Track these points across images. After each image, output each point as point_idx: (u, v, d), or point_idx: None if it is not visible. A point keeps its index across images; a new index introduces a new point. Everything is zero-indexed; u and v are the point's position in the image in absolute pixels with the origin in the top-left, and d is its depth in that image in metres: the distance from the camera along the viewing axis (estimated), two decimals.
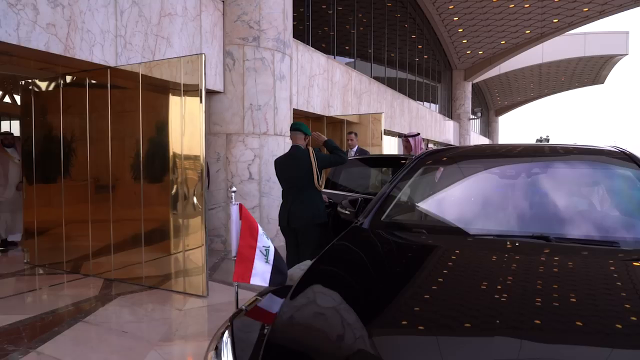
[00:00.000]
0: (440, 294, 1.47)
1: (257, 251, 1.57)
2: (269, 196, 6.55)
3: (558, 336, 1.19)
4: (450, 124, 24.39)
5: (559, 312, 1.28)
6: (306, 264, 1.78)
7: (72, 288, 4.49)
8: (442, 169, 2.65)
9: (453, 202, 2.32)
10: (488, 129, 43.65)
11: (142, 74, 4.53)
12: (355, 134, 6.58)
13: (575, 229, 1.94)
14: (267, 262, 1.58)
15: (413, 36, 19.30)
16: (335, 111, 9.99)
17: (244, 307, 1.57)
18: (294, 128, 3.81)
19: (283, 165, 3.77)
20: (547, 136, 32.83)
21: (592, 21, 20.54)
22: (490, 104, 42.67)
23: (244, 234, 1.60)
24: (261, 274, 1.56)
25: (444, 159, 2.73)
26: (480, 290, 1.44)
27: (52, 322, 3.48)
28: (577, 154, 2.42)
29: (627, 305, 1.32)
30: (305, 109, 8.68)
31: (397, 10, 17.15)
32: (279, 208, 3.87)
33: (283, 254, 4.30)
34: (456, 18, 20.13)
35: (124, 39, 4.79)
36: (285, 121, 6.84)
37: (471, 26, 20.93)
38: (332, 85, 10.02)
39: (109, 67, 4.66)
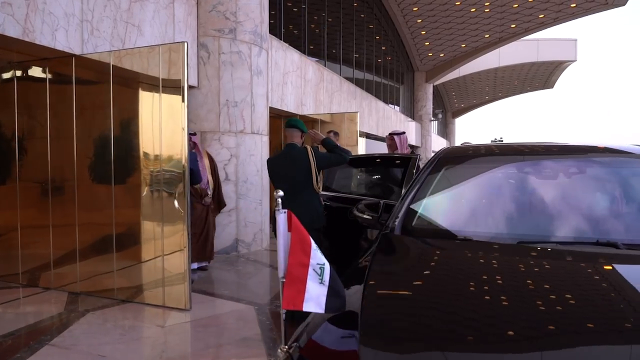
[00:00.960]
0: (521, 310, 1.24)
1: (310, 270, 1.28)
2: (246, 198, 6.18)
3: None
4: (412, 125, 24.67)
5: None
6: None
7: (31, 304, 3.97)
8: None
9: (492, 205, 2.10)
10: (446, 130, 44.76)
11: (113, 65, 4.07)
12: (336, 133, 6.32)
13: None
14: (321, 283, 1.28)
15: (377, 37, 19.32)
16: (308, 110, 9.71)
17: (295, 345, 1.26)
18: (290, 125, 3.51)
19: (278, 166, 3.46)
20: (501, 138, 34.00)
21: (546, 27, 21.37)
22: (448, 106, 43.76)
23: (294, 250, 1.30)
24: (315, 297, 1.27)
25: (469, 158, 2.52)
26: (568, 305, 1.24)
27: (12, 348, 3.00)
28: (615, 153, 2.27)
29: None
30: (279, 107, 8.34)
31: (363, 10, 17.08)
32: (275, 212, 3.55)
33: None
34: (419, 20, 20.34)
35: (90, 24, 4.30)
36: (263, 119, 6.49)
37: (434, 29, 21.24)
38: (305, 83, 9.73)
39: (74, 55, 4.16)
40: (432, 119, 28.10)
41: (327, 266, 1.32)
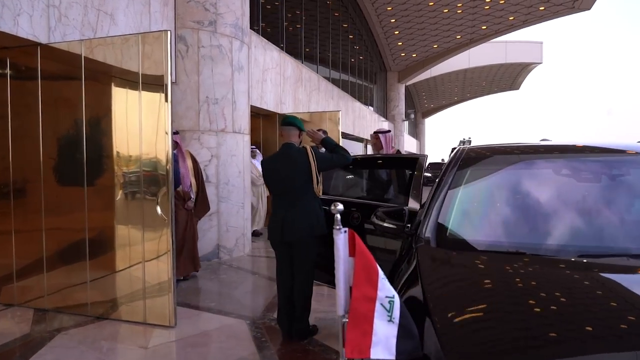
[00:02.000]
0: (603, 326, 1.16)
1: (377, 305, 1.00)
2: (228, 201, 5.83)
3: None
4: (386, 125, 24.70)
5: None
6: None
7: None
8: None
9: (535, 214, 1.88)
10: (416, 130, 45.24)
11: (84, 56, 3.66)
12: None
13: None
14: (391, 321, 1.01)
15: (351, 36, 19.18)
16: (287, 109, 9.40)
17: None
18: (287, 122, 3.21)
19: (274, 167, 3.15)
20: (469, 138, 34.66)
21: (516, 29, 21.80)
22: (418, 106, 44.23)
23: (358, 280, 1.02)
24: (384, 340, 0.99)
25: (496, 160, 2.30)
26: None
27: None
28: None
29: None
30: (258, 105, 8.00)
31: (338, 9, 16.88)
32: (270, 218, 3.24)
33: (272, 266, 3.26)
34: (393, 20, 20.33)
35: (58, 10, 3.87)
36: (244, 117, 6.15)
37: (407, 29, 21.28)
38: (285, 81, 9.42)
39: (39, 44, 3.73)
40: (404, 119, 28.26)
41: (397, 299, 1.05)
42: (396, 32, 21.71)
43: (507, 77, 35.94)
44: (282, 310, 3.21)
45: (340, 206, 1.18)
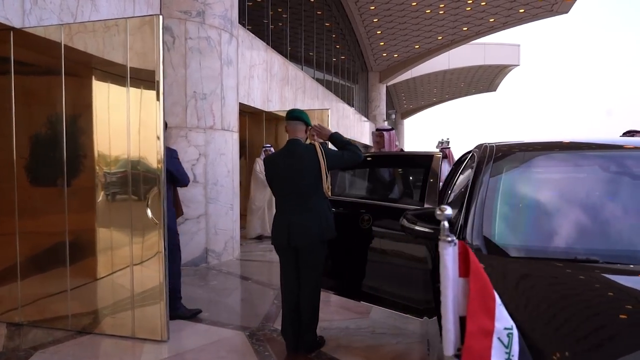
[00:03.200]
0: None
1: (494, 340, 0.77)
2: (217, 202, 5.51)
3: None
4: (367, 125, 24.61)
5: None
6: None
7: None
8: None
9: (590, 216, 1.67)
10: (395, 130, 45.38)
11: (64, 44, 3.31)
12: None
13: None
14: (509, 358, 0.78)
15: (334, 35, 18.98)
16: (274, 106, 9.11)
17: None
18: (292, 116, 2.94)
19: (279, 166, 2.88)
20: (448, 138, 34.66)
21: (496, 31, 22.00)
22: (397, 107, 44.40)
23: (473, 308, 0.78)
24: None
25: (532, 157, 2.09)
26: None
27: None
28: None
29: None
30: (245, 102, 7.68)
31: (322, 7, 16.64)
32: (274, 220, 2.96)
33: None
34: (376, 19, 20.22)
35: None
36: (234, 114, 5.85)
37: (389, 29, 21.21)
38: (271, 78, 9.12)
39: (12, 29, 3.36)
40: (385, 119, 28.23)
41: (516, 331, 0.81)
42: (378, 32, 21.62)
43: (485, 78, 36.37)
44: (287, 321, 2.95)
45: (449, 210, 0.94)
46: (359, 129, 21.67)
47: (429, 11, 19.55)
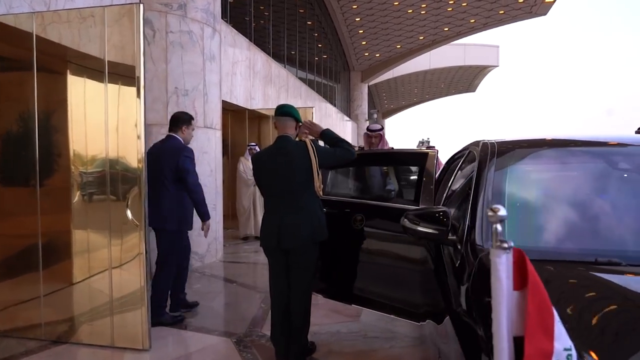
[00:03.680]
0: None
1: None
2: None
3: None
4: (349, 124, 24.58)
5: None
6: None
7: None
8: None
9: (606, 213, 1.59)
10: None
11: (36, 35, 3.10)
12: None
13: None
14: None
15: (316, 34, 18.87)
16: (257, 104, 8.93)
17: None
18: (283, 112, 2.80)
19: (269, 164, 2.74)
20: (428, 138, 35.24)
21: (476, 32, 22.22)
22: (378, 106, 44.59)
23: (532, 327, 0.66)
24: None
25: (536, 154, 2.00)
26: None
27: None
28: None
29: None
30: (228, 100, 7.49)
31: (304, 6, 16.50)
32: (262, 221, 2.82)
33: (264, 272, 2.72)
34: (358, 19, 20.18)
35: None
36: (217, 111, 5.66)
37: (371, 28, 21.21)
38: (254, 75, 8.94)
39: None
40: (367, 119, 28.25)
41: (574, 352, 0.70)
42: (360, 31, 21.59)
43: (465, 79, 36.80)
44: (277, 327, 2.80)
45: (502, 211, 0.81)
46: (341, 128, 21.61)
47: (410, 11, 19.61)
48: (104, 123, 3.04)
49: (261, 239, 2.79)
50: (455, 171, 2.59)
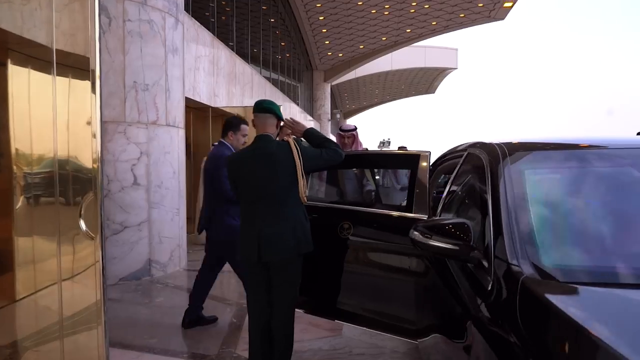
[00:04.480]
0: None
1: None
2: (161, 207, 4.92)
3: None
4: (312, 124, 24.39)
5: None
6: None
7: None
8: None
9: None
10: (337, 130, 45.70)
11: None
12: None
13: None
14: None
15: (278, 32, 18.53)
16: (220, 102, 8.52)
17: None
18: (262, 108, 2.51)
19: (247, 166, 2.43)
20: (389, 139, 35.72)
21: (437, 34, 22.59)
22: (340, 106, 44.69)
23: None
24: None
25: (555, 157, 1.82)
26: None
27: None
28: None
29: None
30: (191, 97, 7.06)
31: (267, 2, 16.12)
32: (240, 231, 2.50)
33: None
34: (322, 17, 20.00)
35: None
36: (179, 108, 5.27)
37: (335, 27, 21.10)
38: (218, 72, 8.52)
39: None
40: (330, 119, 28.17)
41: None
42: (324, 31, 21.43)
43: (425, 81, 37.49)
44: (256, 347, 2.50)
45: None
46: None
47: (374, 11, 19.63)
48: (52, 119, 2.64)
49: (240, 251, 2.49)
50: (453, 175, 2.39)
